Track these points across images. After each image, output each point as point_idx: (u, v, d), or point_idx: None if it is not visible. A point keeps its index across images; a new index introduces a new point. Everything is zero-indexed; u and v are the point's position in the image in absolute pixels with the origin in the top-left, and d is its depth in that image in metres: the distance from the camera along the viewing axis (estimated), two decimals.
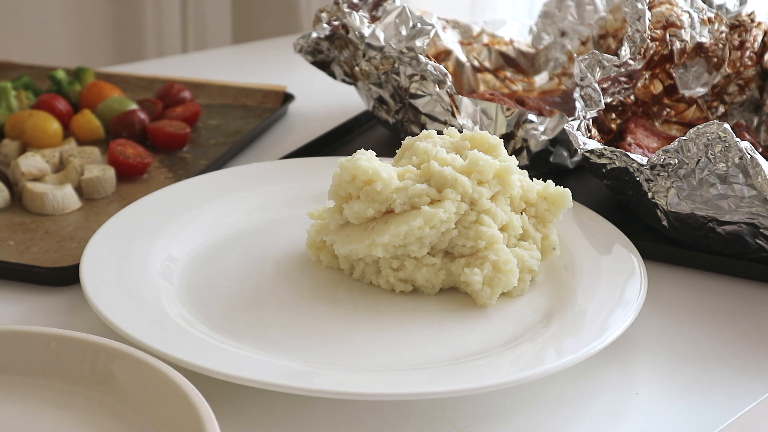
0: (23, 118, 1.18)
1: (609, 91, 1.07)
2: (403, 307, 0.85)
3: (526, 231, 0.90)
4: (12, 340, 0.72)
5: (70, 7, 2.16)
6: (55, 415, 0.69)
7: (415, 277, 0.86)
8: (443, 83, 1.08)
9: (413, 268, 0.86)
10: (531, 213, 0.91)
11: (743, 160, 0.89)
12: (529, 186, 0.91)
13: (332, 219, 0.88)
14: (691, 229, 0.94)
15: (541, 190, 0.91)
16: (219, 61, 1.78)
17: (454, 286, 0.88)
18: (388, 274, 0.87)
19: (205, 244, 0.95)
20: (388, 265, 0.87)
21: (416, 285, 0.87)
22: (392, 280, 0.87)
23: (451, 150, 0.90)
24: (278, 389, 0.71)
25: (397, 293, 0.87)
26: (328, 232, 0.90)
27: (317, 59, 1.23)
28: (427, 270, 0.86)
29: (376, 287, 0.88)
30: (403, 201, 0.85)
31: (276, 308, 0.85)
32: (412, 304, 0.86)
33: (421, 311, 0.85)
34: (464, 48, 1.33)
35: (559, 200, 0.91)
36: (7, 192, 1.05)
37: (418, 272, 0.86)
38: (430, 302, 0.86)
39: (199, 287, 0.87)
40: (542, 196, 0.91)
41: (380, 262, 0.87)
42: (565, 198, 0.91)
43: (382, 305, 0.86)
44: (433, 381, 0.74)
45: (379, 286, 0.88)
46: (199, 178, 1.05)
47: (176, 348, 0.74)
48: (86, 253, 0.87)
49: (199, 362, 0.72)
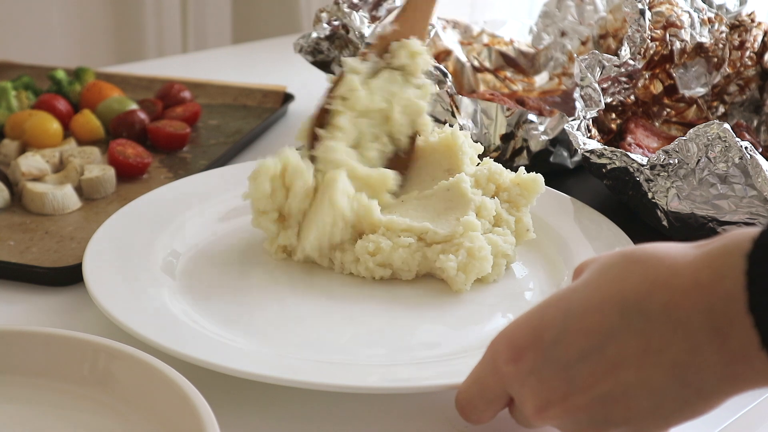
0: (23, 118, 1.18)
1: (609, 91, 1.07)
2: (414, 300, 0.86)
3: (499, 215, 0.91)
4: (12, 340, 0.72)
5: (70, 7, 2.15)
6: (55, 415, 0.69)
7: (392, 259, 0.87)
8: (443, 83, 1.08)
9: (390, 251, 0.87)
10: (504, 198, 0.93)
11: (743, 160, 0.89)
12: (497, 169, 0.94)
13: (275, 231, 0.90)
14: (691, 229, 0.94)
15: (514, 178, 0.94)
16: (219, 61, 1.78)
17: (430, 273, 0.89)
18: (366, 260, 0.87)
19: (207, 240, 0.95)
20: (365, 251, 0.87)
21: (393, 268, 0.88)
22: (371, 265, 0.87)
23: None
24: (279, 383, 0.71)
25: (394, 284, 0.88)
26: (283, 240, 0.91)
27: (317, 59, 1.23)
28: (403, 251, 0.87)
29: (368, 279, 0.89)
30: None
31: (279, 303, 0.85)
32: (428, 296, 0.87)
33: (421, 309, 0.85)
34: (464, 48, 1.33)
35: (531, 186, 0.93)
36: (7, 192, 1.05)
37: (394, 253, 0.87)
38: (432, 297, 0.87)
39: (201, 283, 0.88)
40: (515, 182, 0.93)
41: (356, 249, 0.88)
42: (537, 183, 0.93)
43: (373, 297, 0.86)
44: (433, 378, 0.74)
45: (359, 275, 0.89)
46: (200, 175, 1.05)
47: (180, 344, 0.74)
48: (88, 251, 0.87)
49: (201, 357, 0.72)
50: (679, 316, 0.55)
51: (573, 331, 0.58)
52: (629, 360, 0.57)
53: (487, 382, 0.65)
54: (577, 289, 0.60)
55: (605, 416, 0.59)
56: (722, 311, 0.53)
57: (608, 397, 0.58)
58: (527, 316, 0.62)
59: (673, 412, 0.57)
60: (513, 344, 0.61)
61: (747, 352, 0.53)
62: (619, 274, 0.58)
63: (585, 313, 0.58)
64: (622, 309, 0.57)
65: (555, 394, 0.59)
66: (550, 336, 0.59)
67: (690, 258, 0.56)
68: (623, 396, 0.57)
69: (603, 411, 0.58)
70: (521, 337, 0.61)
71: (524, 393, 0.61)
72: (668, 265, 0.56)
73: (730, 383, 0.55)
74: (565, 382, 0.59)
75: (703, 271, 0.54)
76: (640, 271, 0.57)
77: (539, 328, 0.60)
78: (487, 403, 0.66)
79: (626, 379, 0.57)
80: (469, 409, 0.67)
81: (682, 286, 0.55)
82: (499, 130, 1.08)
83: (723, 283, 0.53)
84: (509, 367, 0.62)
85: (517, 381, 0.61)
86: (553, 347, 0.59)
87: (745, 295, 0.53)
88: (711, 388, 0.56)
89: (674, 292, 0.55)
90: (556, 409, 0.60)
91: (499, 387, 0.64)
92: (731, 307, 0.53)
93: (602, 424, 0.59)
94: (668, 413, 0.58)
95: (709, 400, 0.56)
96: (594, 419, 0.59)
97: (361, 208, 0.89)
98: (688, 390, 0.56)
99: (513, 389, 0.63)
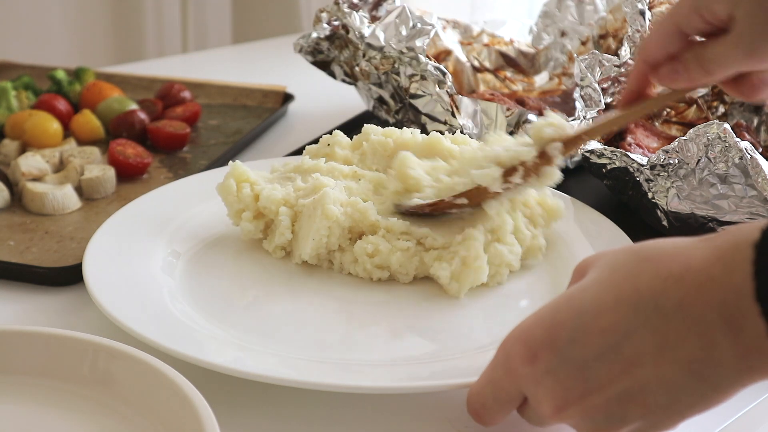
0: (23, 118, 1.18)
1: (609, 91, 1.07)
2: (414, 300, 0.86)
3: (516, 227, 0.91)
4: (12, 340, 0.72)
5: (70, 7, 2.16)
6: (55, 415, 0.69)
7: (389, 261, 0.87)
8: (443, 83, 1.08)
9: (388, 253, 0.87)
10: (526, 213, 0.92)
11: (743, 160, 0.89)
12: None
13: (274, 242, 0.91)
14: (691, 229, 0.94)
15: (539, 198, 0.93)
16: (219, 61, 1.78)
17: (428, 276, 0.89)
18: (364, 261, 0.87)
19: (207, 240, 0.95)
20: (363, 252, 0.87)
21: (391, 271, 0.88)
22: (368, 266, 0.87)
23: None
24: (279, 383, 0.71)
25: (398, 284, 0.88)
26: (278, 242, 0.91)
27: (317, 59, 1.23)
28: (401, 254, 0.87)
29: (367, 279, 0.89)
30: None
31: (279, 303, 0.85)
32: (427, 297, 0.87)
33: (420, 310, 0.85)
34: (464, 48, 1.33)
35: (553, 211, 0.93)
36: (7, 192, 1.05)
37: (392, 256, 0.87)
38: (432, 297, 0.86)
39: (201, 283, 0.87)
40: (539, 202, 0.93)
41: (355, 250, 0.88)
42: (558, 212, 0.93)
43: (373, 297, 0.86)
44: (433, 376, 0.74)
45: (358, 275, 0.88)
46: (200, 175, 1.05)
47: (180, 344, 0.74)
48: (88, 251, 0.87)
49: (201, 357, 0.72)
50: (694, 312, 0.55)
51: (588, 330, 0.58)
52: (646, 358, 0.57)
53: (501, 383, 0.64)
54: (589, 288, 0.60)
55: (622, 414, 0.59)
56: (734, 304, 0.53)
57: (625, 395, 0.58)
58: (538, 317, 0.62)
59: (689, 407, 0.58)
60: (527, 345, 0.61)
61: (760, 343, 0.53)
62: (632, 271, 0.58)
63: (599, 312, 0.58)
64: (637, 307, 0.57)
65: (572, 393, 0.59)
66: (565, 335, 0.59)
67: (700, 252, 0.56)
68: (640, 393, 0.57)
69: (620, 409, 0.58)
70: (535, 338, 0.61)
71: (540, 393, 0.61)
72: (680, 261, 0.56)
73: (747, 375, 0.55)
74: (582, 382, 0.59)
75: (715, 265, 0.55)
76: (653, 268, 0.57)
77: (553, 327, 0.60)
78: (501, 405, 0.66)
79: (643, 377, 0.57)
80: (483, 411, 0.67)
81: (696, 281, 0.55)
82: (499, 130, 1.08)
83: (733, 275, 0.54)
84: (525, 367, 0.61)
85: (532, 381, 0.61)
86: (568, 347, 0.59)
87: (753, 285, 0.53)
88: (727, 382, 0.56)
89: (688, 288, 0.55)
90: (573, 409, 0.60)
91: (513, 388, 0.64)
92: (742, 299, 0.53)
93: (619, 421, 0.59)
94: (684, 408, 0.58)
95: (725, 392, 0.57)
96: (611, 417, 0.59)
97: (355, 212, 0.88)
98: (704, 384, 0.56)
99: (528, 390, 0.62)
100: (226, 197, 0.93)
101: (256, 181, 0.93)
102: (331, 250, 0.89)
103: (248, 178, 0.93)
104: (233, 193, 0.92)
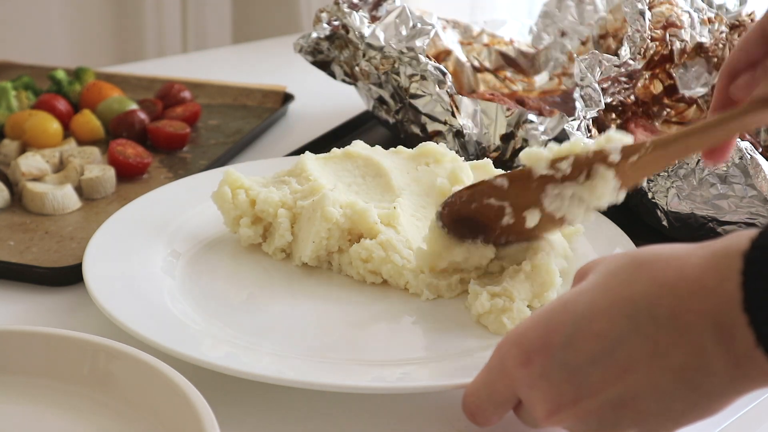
0: (23, 118, 1.18)
1: (609, 91, 1.07)
2: (413, 301, 0.86)
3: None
4: (12, 340, 0.72)
5: (70, 7, 2.15)
6: (55, 415, 0.69)
7: (381, 270, 0.87)
8: (443, 83, 1.08)
9: (380, 262, 0.87)
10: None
11: (743, 160, 0.89)
12: None
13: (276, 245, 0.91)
14: (691, 229, 0.94)
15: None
16: (219, 61, 1.78)
17: None
18: (358, 265, 0.87)
19: (207, 240, 0.95)
20: (358, 256, 0.87)
21: (384, 277, 0.88)
22: (362, 271, 0.87)
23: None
24: (279, 383, 0.71)
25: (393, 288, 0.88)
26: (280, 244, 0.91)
27: (317, 59, 1.23)
28: (392, 266, 0.86)
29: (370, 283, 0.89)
30: None
31: (279, 304, 0.85)
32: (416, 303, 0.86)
33: (420, 310, 0.85)
34: (464, 48, 1.33)
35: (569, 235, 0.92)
36: (7, 192, 1.05)
37: (384, 266, 0.87)
38: (431, 298, 0.86)
39: (201, 283, 0.88)
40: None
41: (351, 253, 0.88)
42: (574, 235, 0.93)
43: (372, 298, 0.86)
44: (432, 376, 0.74)
45: (353, 277, 0.88)
46: (200, 175, 1.05)
47: (180, 344, 0.74)
48: (88, 251, 0.87)
49: (201, 357, 0.73)
50: (686, 320, 0.55)
51: (582, 335, 0.59)
52: (638, 364, 0.57)
53: (496, 385, 0.65)
54: (585, 293, 0.60)
55: (615, 419, 0.59)
56: (726, 313, 0.53)
57: (618, 400, 0.58)
58: (534, 320, 0.62)
59: (682, 415, 0.58)
60: (522, 348, 0.61)
61: (750, 352, 0.53)
62: (627, 277, 0.58)
63: (594, 317, 0.58)
64: (631, 313, 0.57)
65: (565, 397, 0.59)
66: (559, 339, 0.59)
67: (695, 260, 0.56)
68: (633, 400, 0.58)
69: (613, 414, 0.59)
70: (530, 341, 0.61)
71: (534, 396, 0.61)
72: (675, 268, 0.56)
73: (739, 384, 0.55)
74: (576, 386, 0.59)
75: (707, 274, 0.55)
76: (648, 275, 0.57)
77: (548, 331, 0.60)
78: (496, 406, 0.66)
79: (636, 383, 0.57)
80: (478, 412, 0.67)
81: (689, 289, 0.55)
82: (499, 130, 1.08)
83: (724, 284, 0.54)
84: (519, 370, 0.61)
85: (527, 384, 0.61)
86: (562, 351, 0.59)
87: (741, 294, 0.53)
88: (719, 390, 0.56)
89: (681, 296, 0.55)
90: (566, 413, 0.60)
91: (508, 390, 0.64)
92: (733, 308, 0.53)
93: (612, 426, 0.59)
94: (677, 416, 0.58)
95: (719, 401, 0.57)
96: (604, 422, 0.59)
97: (354, 214, 0.88)
98: (696, 393, 0.56)
99: (523, 393, 0.63)
100: (222, 205, 0.92)
101: (250, 186, 0.93)
102: (331, 252, 0.89)
103: (242, 184, 0.92)
104: (229, 201, 0.92)
